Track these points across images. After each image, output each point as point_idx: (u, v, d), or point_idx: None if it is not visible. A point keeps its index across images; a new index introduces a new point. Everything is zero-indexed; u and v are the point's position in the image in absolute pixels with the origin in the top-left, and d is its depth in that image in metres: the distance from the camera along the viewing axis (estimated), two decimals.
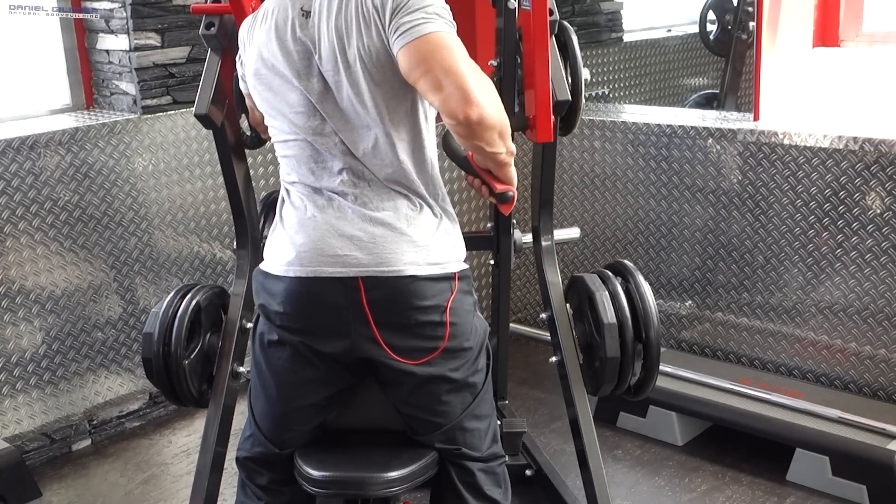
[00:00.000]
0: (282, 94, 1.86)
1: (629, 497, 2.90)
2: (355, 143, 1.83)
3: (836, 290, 3.13)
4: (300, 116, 1.85)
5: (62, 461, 3.23)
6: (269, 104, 1.90)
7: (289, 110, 1.86)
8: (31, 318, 3.10)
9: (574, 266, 3.85)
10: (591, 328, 2.28)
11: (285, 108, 1.86)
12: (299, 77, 1.82)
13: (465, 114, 1.64)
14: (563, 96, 2.17)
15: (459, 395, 1.91)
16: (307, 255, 1.83)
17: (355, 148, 1.83)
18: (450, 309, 1.85)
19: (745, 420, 3.01)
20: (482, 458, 1.97)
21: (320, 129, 1.84)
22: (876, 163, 2.97)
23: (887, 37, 3.60)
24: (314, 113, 1.83)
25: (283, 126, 1.89)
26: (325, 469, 1.89)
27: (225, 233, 3.50)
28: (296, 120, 1.85)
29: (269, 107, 1.90)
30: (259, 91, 1.90)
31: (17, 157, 3.00)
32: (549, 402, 3.47)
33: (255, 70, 1.89)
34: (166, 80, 3.32)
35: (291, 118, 1.86)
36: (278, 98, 1.87)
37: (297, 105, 1.84)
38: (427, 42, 1.67)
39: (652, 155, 3.51)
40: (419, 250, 1.83)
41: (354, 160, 1.84)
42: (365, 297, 1.81)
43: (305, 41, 1.81)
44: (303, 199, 1.88)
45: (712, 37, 4.52)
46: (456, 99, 1.64)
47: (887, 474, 2.70)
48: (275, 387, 1.92)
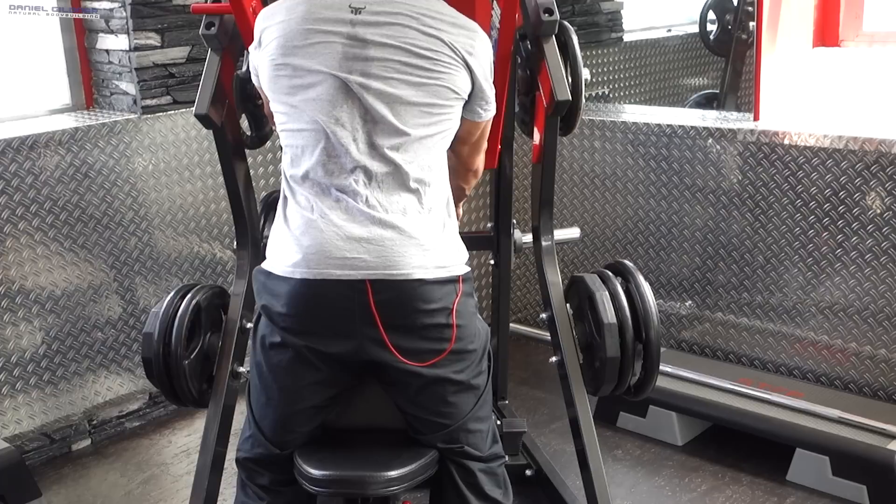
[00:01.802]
0: (307, 81, 1.82)
1: (629, 497, 2.90)
2: (381, 140, 1.82)
3: (836, 290, 3.14)
4: (324, 105, 1.81)
5: (62, 461, 3.23)
6: (288, 91, 1.85)
7: (311, 97, 1.82)
8: (31, 318, 3.10)
9: (574, 266, 3.85)
10: (591, 328, 2.28)
11: (308, 95, 1.83)
12: (338, 68, 1.80)
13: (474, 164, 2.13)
14: (563, 96, 2.17)
15: (464, 396, 1.91)
16: (314, 258, 1.82)
17: (378, 145, 1.82)
18: (455, 311, 1.85)
19: (745, 420, 3.01)
20: (483, 458, 1.97)
21: (343, 121, 1.82)
22: (876, 163, 2.97)
23: (887, 37, 3.60)
24: (341, 103, 1.81)
25: (301, 115, 1.85)
26: (325, 468, 1.89)
27: (225, 233, 3.50)
28: (317, 108, 1.82)
29: (286, 94, 1.86)
30: (278, 78, 1.86)
31: (16, 157, 2.99)
32: (549, 402, 3.47)
33: (276, 59, 1.85)
34: (166, 80, 3.32)
35: (312, 106, 1.82)
36: (301, 85, 1.83)
37: (323, 93, 1.81)
38: (486, 126, 2.04)
39: (652, 155, 3.51)
40: (426, 253, 1.83)
41: (370, 158, 1.83)
42: (373, 300, 1.80)
43: (353, 34, 1.80)
44: (309, 200, 1.86)
45: (712, 37, 4.53)
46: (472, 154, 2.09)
47: (887, 474, 2.70)
48: (275, 388, 1.91)
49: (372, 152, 1.83)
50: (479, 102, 1.93)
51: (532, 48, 2.27)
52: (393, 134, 1.82)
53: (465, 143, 2.02)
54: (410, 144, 1.84)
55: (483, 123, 2.00)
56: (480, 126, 2.00)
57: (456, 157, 2.04)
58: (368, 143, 1.83)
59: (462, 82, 1.86)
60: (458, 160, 2.06)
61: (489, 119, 2.00)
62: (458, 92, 1.86)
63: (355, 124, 1.82)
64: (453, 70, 1.84)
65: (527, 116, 2.46)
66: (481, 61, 1.88)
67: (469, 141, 2.02)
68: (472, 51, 1.86)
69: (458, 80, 1.85)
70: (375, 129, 1.82)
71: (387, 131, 1.82)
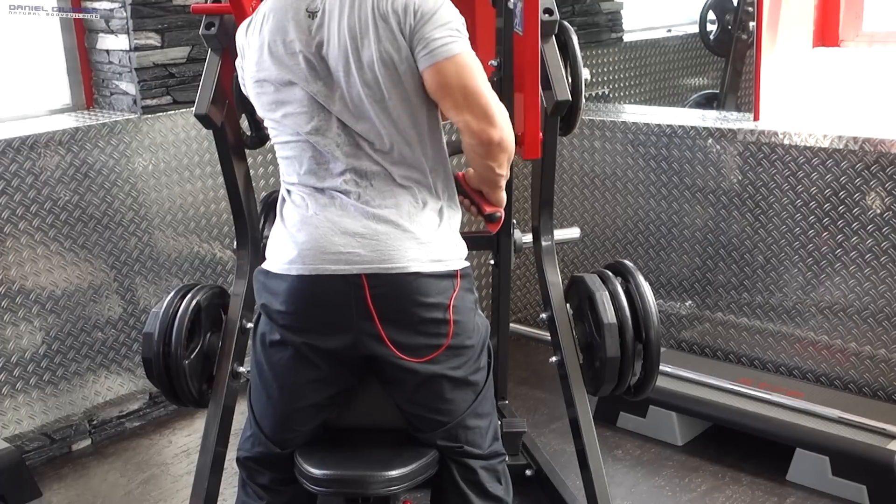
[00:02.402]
0: (283, 96, 1.85)
1: (629, 497, 2.90)
2: (365, 141, 1.83)
3: (836, 290, 3.14)
4: (302, 117, 1.84)
5: (62, 461, 3.23)
6: (269, 108, 1.89)
7: (290, 112, 1.85)
8: (31, 318, 3.10)
9: (574, 266, 3.85)
10: (591, 328, 2.28)
11: (287, 110, 1.86)
12: (305, 79, 1.82)
13: (487, 135, 1.78)
14: (563, 96, 2.17)
15: (462, 392, 1.91)
16: (309, 254, 1.83)
17: (363, 146, 1.83)
18: (452, 307, 1.85)
19: (745, 420, 3.01)
20: (484, 455, 1.97)
21: (323, 130, 1.84)
22: (876, 163, 2.97)
23: (887, 37, 3.60)
24: (317, 113, 1.83)
25: (284, 128, 1.89)
26: (325, 467, 1.89)
27: (225, 233, 3.50)
28: (297, 121, 1.85)
29: (268, 111, 1.90)
30: (259, 95, 1.90)
31: (17, 157, 3.00)
32: (549, 402, 3.47)
33: (254, 75, 1.88)
34: (166, 80, 3.32)
35: (292, 120, 1.86)
36: (279, 101, 1.86)
37: (298, 107, 1.84)
38: (455, 63, 1.74)
39: (652, 155, 3.51)
40: (422, 247, 1.84)
41: (357, 160, 1.84)
42: (369, 294, 1.81)
43: (311, 42, 1.80)
44: (304, 198, 1.88)
45: (712, 37, 4.53)
46: (480, 120, 1.77)
47: (887, 474, 2.70)
48: (276, 387, 1.92)
49: (358, 153, 1.84)
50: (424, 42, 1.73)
51: None
52: (372, 136, 1.83)
53: (447, 96, 1.76)
54: (393, 142, 1.83)
55: (451, 63, 1.73)
56: (451, 68, 1.73)
57: (463, 131, 1.81)
58: (354, 145, 1.84)
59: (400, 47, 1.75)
60: (465, 131, 1.80)
61: (456, 54, 1.74)
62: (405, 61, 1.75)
63: (335, 131, 1.84)
64: (394, 44, 1.76)
65: None
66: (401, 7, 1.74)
67: (451, 93, 1.75)
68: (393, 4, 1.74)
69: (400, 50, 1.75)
70: (354, 133, 1.83)
71: (365, 134, 1.83)
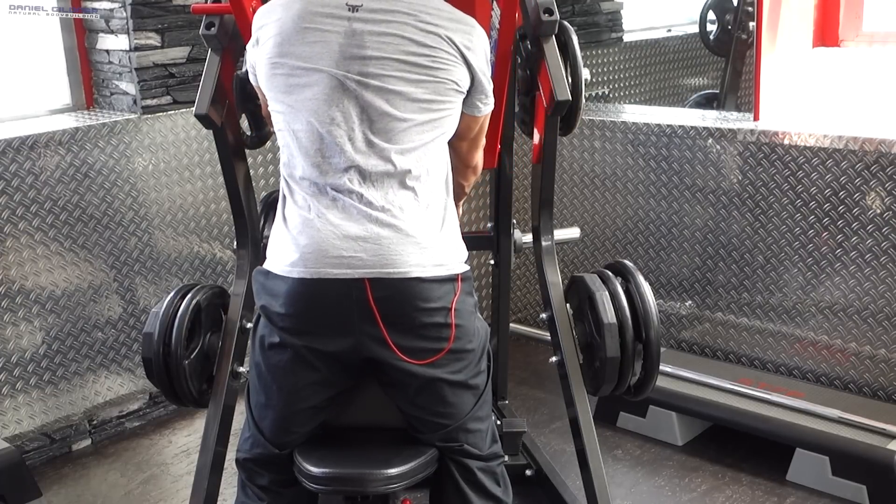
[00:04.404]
0: (303, 80, 1.82)
1: (629, 497, 2.90)
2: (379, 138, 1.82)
3: (836, 290, 3.14)
4: (320, 104, 1.82)
5: (62, 461, 3.23)
6: (285, 90, 1.85)
7: (308, 97, 1.82)
8: (31, 318, 3.10)
9: (574, 266, 3.85)
10: (591, 328, 2.28)
11: (304, 95, 1.83)
12: (335, 65, 1.80)
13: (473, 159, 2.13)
14: (563, 96, 2.17)
15: (463, 396, 1.91)
16: (311, 257, 1.82)
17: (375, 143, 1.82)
18: (454, 311, 1.85)
19: (745, 420, 3.01)
20: (483, 456, 1.97)
21: (338, 120, 1.81)
22: (876, 163, 2.97)
23: (887, 37, 3.60)
24: (338, 101, 1.81)
25: (296, 115, 1.85)
26: (324, 466, 1.89)
27: (225, 233, 3.50)
28: (312, 108, 1.82)
29: (282, 92, 1.86)
30: (274, 76, 1.86)
31: (17, 157, 3.00)
32: (549, 402, 3.47)
33: (272, 53, 1.85)
34: (166, 80, 3.32)
35: (308, 107, 1.83)
36: (297, 84, 1.83)
37: (319, 93, 1.81)
38: (485, 121, 2.04)
39: (652, 155, 3.51)
40: (424, 251, 1.83)
41: (365, 157, 1.82)
42: (372, 297, 1.81)
43: (351, 31, 1.80)
44: (306, 199, 1.86)
45: (712, 37, 4.53)
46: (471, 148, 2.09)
47: (887, 474, 2.70)
48: (275, 389, 1.91)
49: (368, 150, 1.83)
50: (479, 96, 1.93)
51: (532, 48, 2.26)
52: (392, 131, 1.82)
53: (464, 138, 2.01)
54: (410, 141, 1.83)
55: (482, 118, 2.00)
56: (479, 121, 2.00)
57: (455, 154, 2.04)
58: (366, 142, 1.82)
59: (461, 77, 1.86)
60: (457, 157, 2.05)
61: (487, 114, 2.00)
62: (458, 87, 1.87)
63: (351, 123, 1.82)
64: (452, 65, 1.84)
65: (527, 116, 2.46)
66: (479, 55, 1.88)
67: (468, 136, 2.02)
68: (470, 45, 1.86)
69: (457, 74, 1.85)
70: (373, 126, 1.82)
71: (385, 129, 1.82)
